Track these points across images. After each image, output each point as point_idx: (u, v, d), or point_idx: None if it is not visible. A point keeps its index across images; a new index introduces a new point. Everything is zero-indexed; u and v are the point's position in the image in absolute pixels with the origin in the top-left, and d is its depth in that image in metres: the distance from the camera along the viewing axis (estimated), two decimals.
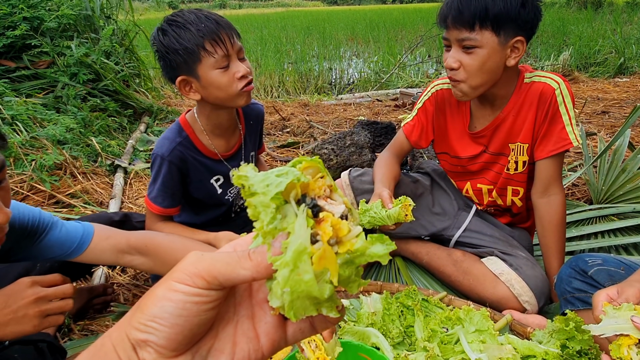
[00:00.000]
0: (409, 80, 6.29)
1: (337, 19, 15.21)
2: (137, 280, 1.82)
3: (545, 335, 1.26)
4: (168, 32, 1.39)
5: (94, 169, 2.81)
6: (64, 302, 1.04)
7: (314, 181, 0.38)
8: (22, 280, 1.03)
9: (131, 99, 3.87)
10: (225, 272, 0.36)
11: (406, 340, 1.30)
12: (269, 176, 0.36)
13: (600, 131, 3.56)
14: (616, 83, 5.47)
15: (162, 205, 1.55)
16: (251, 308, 0.41)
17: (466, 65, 1.40)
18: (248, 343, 0.40)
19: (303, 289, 0.34)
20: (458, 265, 1.67)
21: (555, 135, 1.48)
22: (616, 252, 1.91)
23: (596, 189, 2.39)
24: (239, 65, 1.42)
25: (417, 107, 1.75)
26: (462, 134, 1.66)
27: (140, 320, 0.36)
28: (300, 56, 8.10)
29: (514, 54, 1.40)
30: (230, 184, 1.66)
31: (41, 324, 1.00)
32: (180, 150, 1.52)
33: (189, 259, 0.37)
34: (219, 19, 1.42)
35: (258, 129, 1.76)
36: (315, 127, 3.94)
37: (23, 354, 0.97)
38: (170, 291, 0.36)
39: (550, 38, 8.69)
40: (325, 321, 0.41)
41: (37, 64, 3.50)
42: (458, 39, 1.39)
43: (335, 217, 0.36)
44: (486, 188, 1.71)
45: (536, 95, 1.48)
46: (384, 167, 1.72)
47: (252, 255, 0.37)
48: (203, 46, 1.36)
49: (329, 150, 2.84)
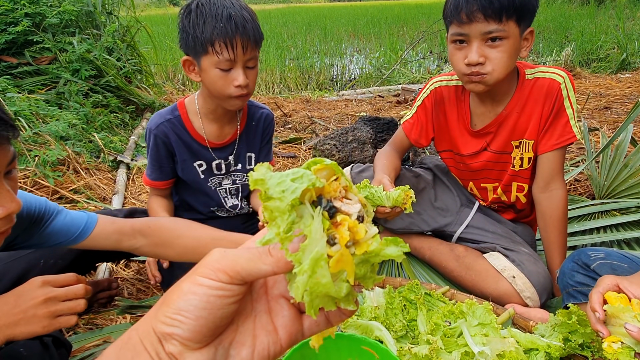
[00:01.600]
0: (410, 76, 6.28)
1: (338, 15, 15.17)
2: (141, 275, 1.83)
3: (548, 329, 1.27)
4: (191, 14, 1.39)
5: (96, 164, 2.82)
6: (74, 302, 1.03)
7: (329, 184, 0.39)
8: (34, 280, 1.02)
9: (133, 95, 3.87)
10: (247, 267, 0.38)
11: (409, 333, 1.31)
12: (285, 180, 0.37)
13: (603, 127, 3.55)
14: (618, 79, 5.45)
15: (150, 178, 1.64)
16: (267, 303, 0.44)
17: (493, 59, 1.36)
18: (267, 336, 0.42)
19: (321, 290, 0.36)
20: (460, 261, 1.68)
21: (559, 128, 1.47)
22: (618, 247, 1.91)
23: (598, 184, 2.39)
24: (240, 74, 1.42)
25: (416, 105, 1.73)
26: (463, 131, 1.65)
27: (166, 314, 0.38)
28: (301, 52, 8.09)
29: (525, 44, 1.41)
30: (212, 173, 1.67)
31: (51, 325, 0.99)
32: (167, 126, 1.56)
33: (213, 256, 0.39)
34: (245, 22, 1.39)
35: (260, 134, 1.73)
36: (317, 123, 3.94)
37: (28, 348, 0.97)
38: (195, 285, 0.38)
39: (552, 34, 8.66)
40: (340, 314, 0.43)
41: (39, 60, 3.50)
42: (483, 32, 1.34)
43: (352, 218, 0.38)
44: (491, 186, 1.71)
45: (542, 92, 1.47)
46: (384, 159, 1.72)
47: (273, 252, 0.39)
48: (212, 44, 1.37)
49: (331, 145, 2.85)
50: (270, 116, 1.75)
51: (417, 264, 1.86)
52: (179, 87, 5.84)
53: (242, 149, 1.70)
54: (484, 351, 1.13)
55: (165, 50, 7.25)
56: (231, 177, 1.71)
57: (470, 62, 1.37)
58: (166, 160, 1.61)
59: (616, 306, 0.95)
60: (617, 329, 0.96)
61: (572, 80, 1.47)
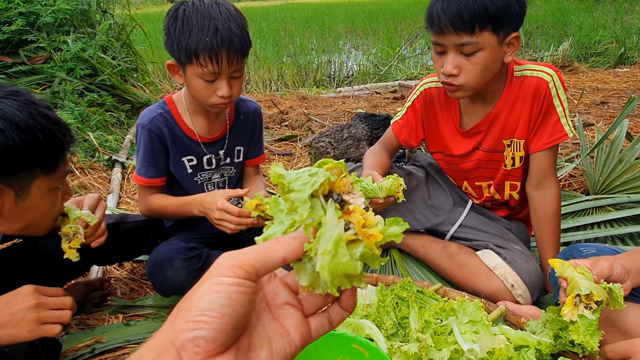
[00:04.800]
0: (408, 73, 6.26)
1: (336, 11, 15.11)
2: (134, 275, 1.83)
3: (539, 326, 1.27)
4: (177, 22, 1.37)
5: (91, 164, 2.82)
6: (62, 312, 1.08)
7: (339, 179, 0.45)
8: (25, 287, 1.06)
9: (129, 93, 3.86)
10: (259, 258, 0.41)
11: (400, 331, 1.31)
12: (302, 176, 0.43)
13: (599, 122, 3.54)
14: (616, 73, 5.43)
15: (145, 176, 1.59)
16: (272, 313, 0.45)
17: (467, 71, 1.35)
18: (281, 337, 0.43)
19: (341, 269, 0.41)
20: (453, 259, 1.68)
21: (550, 127, 1.47)
22: (612, 243, 1.91)
23: (593, 180, 2.38)
24: (224, 85, 1.41)
25: (406, 106, 1.73)
26: (454, 132, 1.64)
27: (187, 319, 0.37)
28: (299, 49, 8.06)
29: (510, 49, 1.38)
30: (202, 168, 1.66)
31: (37, 331, 1.03)
32: (160, 120, 1.55)
33: (223, 257, 0.41)
34: (231, 35, 1.35)
35: (250, 127, 1.73)
36: (313, 120, 3.94)
37: (13, 348, 0.98)
38: (215, 285, 0.39)
39: (550, 29, 8.62)
40: (341, 313, 0.47)
41: (33, 60, 3.49)
42: (457, 44, 1.33)
43: (361, 208, 0.44)
44: (486, 184, 1.71)
45: (530, 91, 1.46)
46: (373, 157, 1.72)
47: (280, 239, 0.43)
48: (197, 56, 1.35)
49: (326, 143, 2.84)
50: (258, 109, 1.75)
51: (410, 262, 1.86)
52: (175, 85, 5.82)
53: (233, 143, 1.70)
54: (474, 349, 1.13)
55: (162, 48, 7.21)
56: (220, 171, 1.71)
57: (444, 72, 1.38)
58: (161, 155, 1.59)
59: (559, 267, 1.09)
60: (572, 286, 1.05)
61: (562, 77, 1.46)
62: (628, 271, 1.08)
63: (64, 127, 1.11)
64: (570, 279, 1.06)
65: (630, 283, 1.08)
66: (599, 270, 1.05)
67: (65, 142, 1.12)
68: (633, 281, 1.08)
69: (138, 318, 1.57)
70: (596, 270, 1.05)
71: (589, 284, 1.03)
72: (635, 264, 1.10)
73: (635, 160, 2.37)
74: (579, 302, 1.03)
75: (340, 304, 0.47)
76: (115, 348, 1.41)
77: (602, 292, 1.02)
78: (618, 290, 1.03)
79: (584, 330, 1.03)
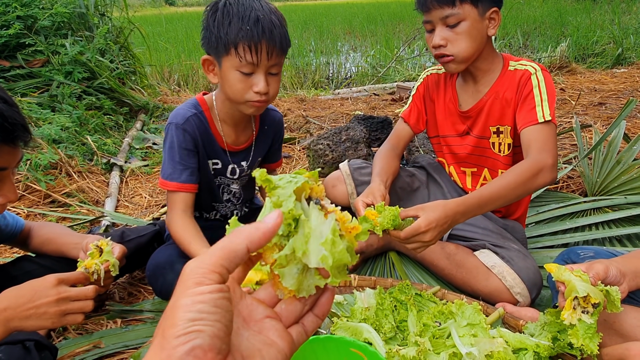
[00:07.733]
0: (406, 74, 6.27)
1: (334, 12, 15.13)
2: (132, 279, 1.83)
3: (537, 328, 1.27)
4: (217, 13, 1.35)
5: (89, 167, 2.81)
6: (84, 303, 1.12)
7: (317, 186, 0.50)
8: (49, 277, 1.09)
9: (127, 96, 3.86)
10: (224, 255, 0.41)
11: (398, 335, 1.31)
12: (285, 177, 0.48)
13: (597, 123, 3.55)
14: (614, 74, 5.45)
15: (178, 180, 1.47)
16: (252, 329, 0.46)
17: (453, 40, 1.50)
18: (270, 348, 0.44)
19: (340, 257, 0.45)
20: (451, 259, 1.68)
21: (524, 112, 1.51)
22: (610, 244, 1.92)
23: (591, 181, 2.39)
24: (261, 80, 1.37)
25: (412, 94, 1.86)
26: (452, 112, 1.73)
27: (178, 334, 0.35)
28: (297, 51, 8.07)
29: (492, 24, 1.52)
30: (224, 174, 1.65)
31: (60, 322, 1.08)
32: (195, 120, 1.50)
33: (192, 265, 0.40)
34: (272, 27, 1.33)
35: (271, 136, 1.71)
36: (311, 122, 3.94)
37: (7, 352, 0.98)
38: (197, 295, 0.38)
39: (547, 29, 8.65)
40: (316, 321, 0.50)
41: (31, 63, 3.49)
42: (441, 17, 1.48)
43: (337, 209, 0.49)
44: (470, 170, 1.77)
45: (515, 81, 1.56)
46: (383, 161, 1.75)
47: (241, 229, 0.43)
48: (236, 46, 1.33)
49: (324, 145, 2.84)
50: (281, 118, 1.73)
51: (409, 264, 1.86)
52: (173, 87, 5.82)
53: (256, 154, 1.68)
54: (472, 352, 1.13)
55: (160, 50, 7.23)
56: (240, 182, 1.70)
57: (433, 45, 1.53)
58: (194, 158, 1.51)
59: (555, 271, 1.10)
60: (569, 289, 1.06)
61: (548, 75, 1.53)
62: (623, 274, 1.09)
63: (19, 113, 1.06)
64: (567, 282, 1.06)
65: (627, 285, 1.08)
66: (594, 272, 1.06)
67: (16, 124, 1.04)
68: (629, 284, 1.09)
69: (136, 322, 1.57)
70: (592, 273, 1.05)
71: (586, 286, 1.03)
72: (631, 267, 1.10)
73: (633, 162, 2.38)
74: (577, 305, 1.04)
75: (314, 311, 0.50)
76: (114, 353, 1.40)
77: (599, 294, 1.02)
78: (615, 293, 1.03)
79: (583, 333, 1.03)
